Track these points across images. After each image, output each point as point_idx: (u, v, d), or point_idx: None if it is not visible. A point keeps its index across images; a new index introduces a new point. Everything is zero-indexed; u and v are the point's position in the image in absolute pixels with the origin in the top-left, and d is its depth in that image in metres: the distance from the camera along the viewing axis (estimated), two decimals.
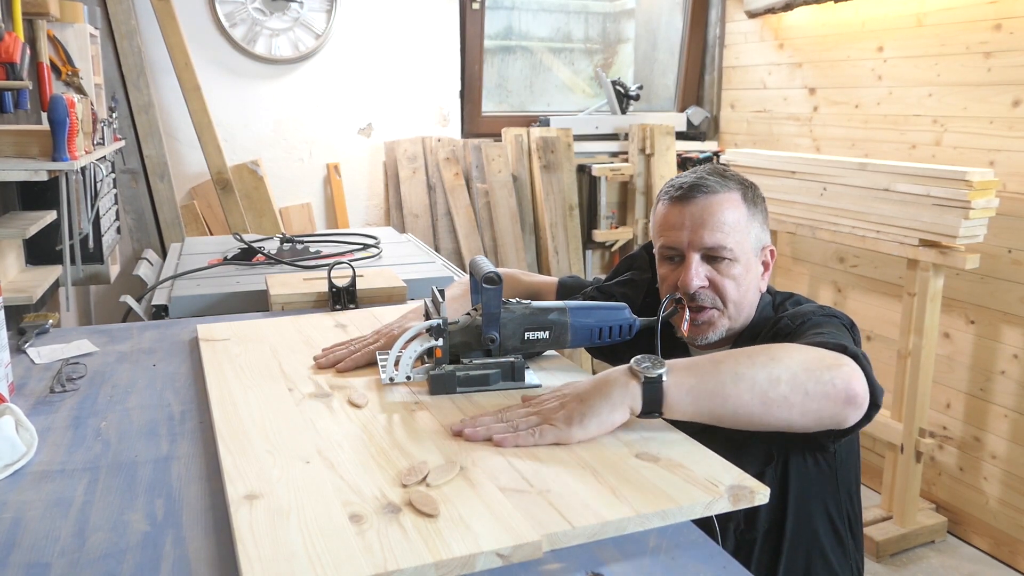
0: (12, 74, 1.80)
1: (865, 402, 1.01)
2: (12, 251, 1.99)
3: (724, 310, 1.27)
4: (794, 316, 1.23)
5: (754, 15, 3.62)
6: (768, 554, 1.24)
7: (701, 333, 1.28)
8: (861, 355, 1.05)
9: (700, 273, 1.26)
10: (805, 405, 0.98)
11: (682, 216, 1.27)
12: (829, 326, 1.18)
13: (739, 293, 1.27)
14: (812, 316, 1.21)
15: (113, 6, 2.96)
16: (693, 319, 1.27)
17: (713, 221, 1.25)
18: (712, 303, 1.27)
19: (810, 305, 1.28)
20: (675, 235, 1.28)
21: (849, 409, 1.00)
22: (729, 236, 1.26)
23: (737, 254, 1.26)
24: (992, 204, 2.41)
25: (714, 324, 1.27)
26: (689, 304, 1.26)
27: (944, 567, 2.71)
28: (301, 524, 0.76)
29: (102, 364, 1.30)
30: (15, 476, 0.91)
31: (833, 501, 1.27)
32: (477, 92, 3.68)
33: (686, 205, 1.27)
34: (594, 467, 0.88)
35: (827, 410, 0.99)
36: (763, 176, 3.09)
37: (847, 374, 0.99)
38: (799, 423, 0.99)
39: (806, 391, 0.97)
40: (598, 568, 0.74)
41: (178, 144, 3.21)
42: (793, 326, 1.21)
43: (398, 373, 1.13)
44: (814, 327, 1.18)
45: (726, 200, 1.27)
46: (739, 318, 1.29)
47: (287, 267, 1.97)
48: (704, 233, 1.25)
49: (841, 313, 1.24)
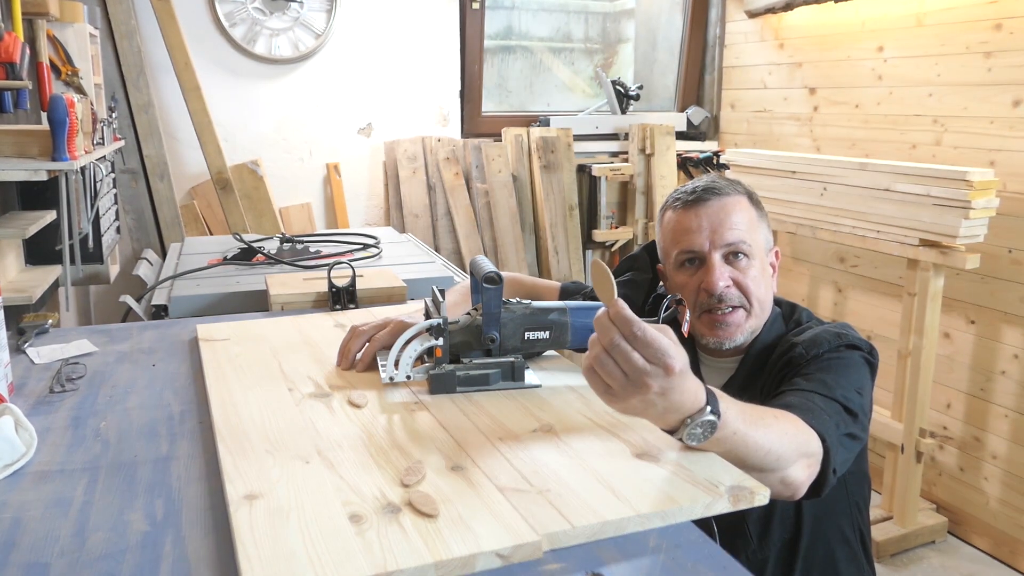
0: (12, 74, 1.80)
1: (799, 495, 1.03)
2: (12, 251, 1.99)
3: (750, 309, 1.26)
4: (809, 345, 1.20)
5: (754, 15, 3.62)
6: (781, 574, 1.24)
7: (729, 336, 1.26)
8: (835, 450, 1.05)
9: (724, 273, 1.25)
10: (767, 481, 0.94)
11: (698, 219, 1.27)
12: (838, 369, 1.16)
13: (760, 291, 1.27)
14: (826, 348, 1.19)
15: (113, 6, 2.96)
16: (720, 321, 1.26)
17: (730, 220, 1.26)
18: (740, 302, 1.26)
19: (826, 331, 1.23)
20: (693, 238, 1.27)
21: (786, 498, 1.03)
22: (746, 234, 1.27)
23: (754, 251, 1.27)
24: (992, 204, 2.41)
25: (741, 325, 1.26)
26: (716, 306, 1.25)
27: (944, 567, 2.71)
28: (301, 524, 0.76)
29: (102, 364, 1.30)
30: (15, 476, 0.91)
31: (846, 516, 1.27)
32: (477, 92, 3.68)
33: (701, 208, 1.28)
34: (594, 467, 0.88)
35: (774, 489, 0.97)
36: (763, 176, 3.09)
37: (806, 478, 1.02)
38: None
39: (782, 470, 0.98)
40: (598, 568, 0.73)
41: (178, 144, 3.21)
42: (807, 357, 1.19)
43: (398, 373, 1.13)
44: (823, 369, 1.16)
45: (737, 202, 1.29)
46: (762, 317, 1.29)
47: (287, 267, 1.97)
48: (724, 232, 1.26)
49: (859, 340, 1.22)
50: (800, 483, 1.01)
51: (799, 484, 1.01)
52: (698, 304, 1.28)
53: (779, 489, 0.99)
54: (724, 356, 1.32)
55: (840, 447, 1.07)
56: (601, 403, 1.03)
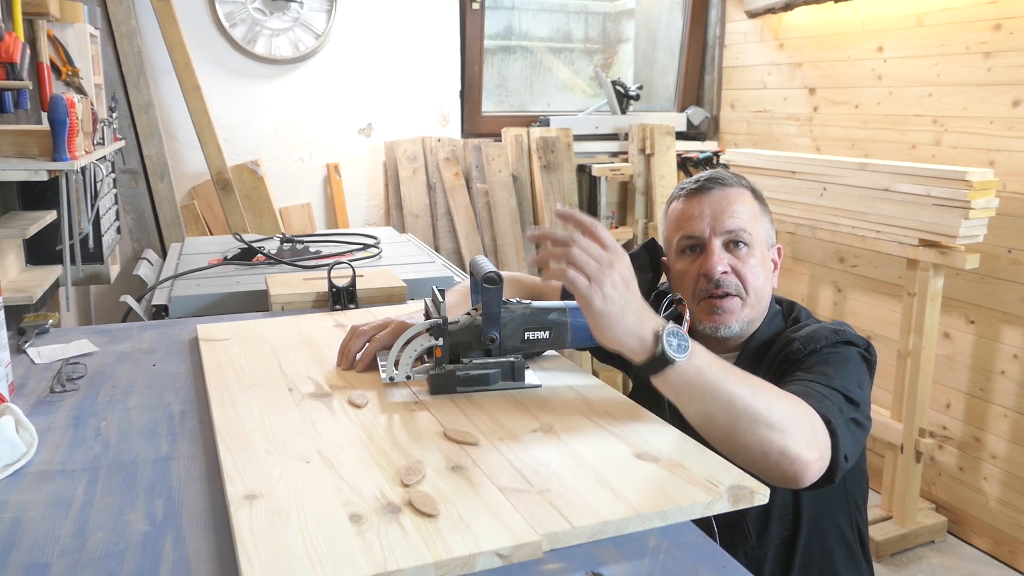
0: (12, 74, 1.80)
1: (811, 477, 1.01)
2: (12, 251, 1.99)
3: (746, 298, 1.27)
4: (806, 341, 1.21)
5: (754, 15, 3.62)
6: (779, 571, 1.24)
7: (723, 322, 1.27)
8: (843, 433, 1.04)
9: (723, 259, 1.27)
10: (767, 448, 0.97)
11: (701, 206, 1.30)
12: (837, 362, 1.17)
13: (758, 282, 1.28)
14: (824, 344, 1.20)
15: (113, 6, 2.96)
16: (716, 307, 1.27)
17: (731, 209, 1.29)
18: (736, 290, 1.27)
19: (824, 327, 1.24)
20: (695, 224, 1.30)
21: (794, 479, 1.00)
22: (747, 223, 1.29)
23: (754, 242, 1.29)
24: (992, 204, 2.41)
25: (735, 313, 1.27)
26: (713, 292, 1.27)
27: (944, 567, 2.71)
28: (301, 524, 0.76)
29: (102, 364, 1.30)
30: (15, 476, 0.91)
31: (844, 514, 1.27)
32: (477, 92, 3.68)
33: (704, 196, 1.31)
34: (594, 467, 0.88)
35: (774, 469, 0.97)
36: (763, 176, 3.09)
37: (814, 458, 0.99)
38: (747, 460, 0.97)
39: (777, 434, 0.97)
40: (598, 568, 0.73)
41: (178, 144, 3.22)
42: (805, 352, 1.20)
43: (398, 373, 1.13)
44: (822, 362, 1.17)
45: (740, 194, 1.31)
46: (758, 308, 1.29)
47: (287, 267, 1.97)
48: (725, 219, 1.28)
49: (856, 336, 1.23)
50: (807, 461, 0.98)
51: (806, 462, 0.98)
52: (697, 291, 1.29)
53: (783, 464, 0.97)
54: (722, 351, 1.32)
55: (847, 432, 1.06)
56: (601, 403, 1.03)
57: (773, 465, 0.96)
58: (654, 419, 1.02)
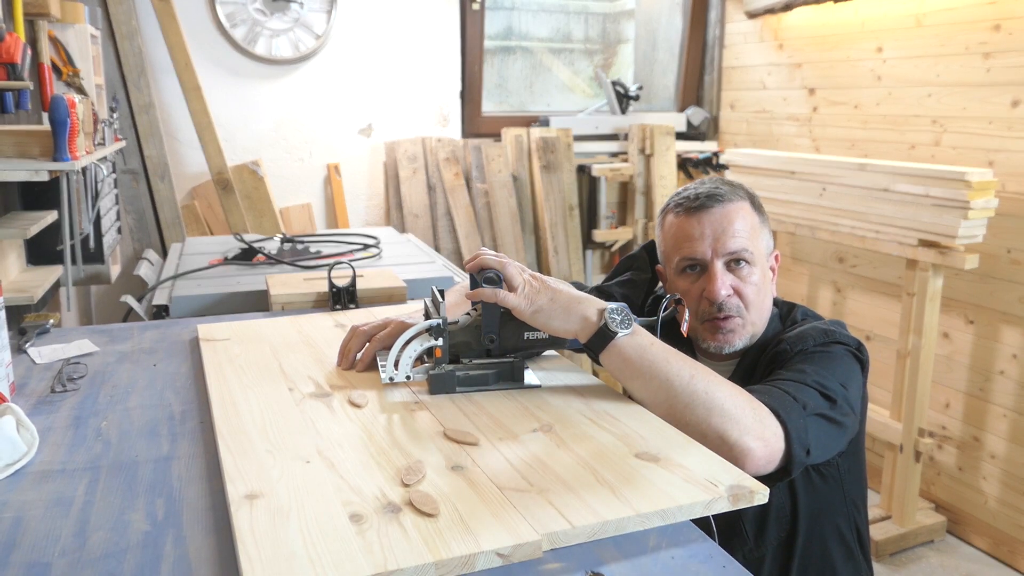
0: (13, 74, 1.81)
1: (755, 465, 1.00)
2: (13, 251, 2.00)
3: (748, 316, 1.27)
4: (794, 341, 1.22)
5: (754, 15, 3.62)
6: (778, 572, 1.24)
7: (727, 342, 1.28)
8: (797, 426, 1.04)
9: (726, 282, 1.26)
10: (705, 430, 0.99)
11: (701, 226, 1.28)
12: (819, 360, 1.17)
13: (760, 298, 1.28)
14: (811, 344, 1.20)
15: (114, 7, 2.97)
16: (720, 327, 1.27)
17: (732, 228, 1.27)
18: (738, 311, 1.27)
19: (814, 328, 1.25)
20: (696, 246, 1.28)
21: (737, 464, 0.98)
22: (749, 241, 1.28)
23: (755, 259, 1.28)
24: (991, 204, 2.42)
25: (739, 332, 1.28)
26: (716, 315, 1.27)
27: (943, 567, 2.71)
28: (301, 524, 0.76)
29: (103, 364, 1.31)
30: (16, 476, 0.91)
31: (842, 514, 1.27)
32: (477, 92, 3.68)
33: (703, 214, 1.28)
34: (594, 467, 0.88)
35: (717, 453, 0.96)
36: (763, 176, 3.09)
37: (758, 447, 1.00)
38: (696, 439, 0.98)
39: (715, 417, 0.99)
40: (598, 568, 0.74)
41: (179, 144, 3.22)
42: (792, 352, 1.20)
43: (398, 373, 1.13)
44: (804, 360, 1.18)
45: (739, 208, 1.29)
46: (760, 322, 1.30)
47: (287, 267, 1.97)
48: (727, 240, 1.26)
49: (847, 336, 1.22)
50: (747, 447, 0.98)
51: (745, 448, 0.98)
52: (700, 312, 1.29)
53: (722, 448, 0.97)
54: (723, 359, 1.32)
55: (814, 427, 1.06)
56: (601, 403, 1.04)
57: (714, 448, 0.95)
58: (654, 419, 1.02)
